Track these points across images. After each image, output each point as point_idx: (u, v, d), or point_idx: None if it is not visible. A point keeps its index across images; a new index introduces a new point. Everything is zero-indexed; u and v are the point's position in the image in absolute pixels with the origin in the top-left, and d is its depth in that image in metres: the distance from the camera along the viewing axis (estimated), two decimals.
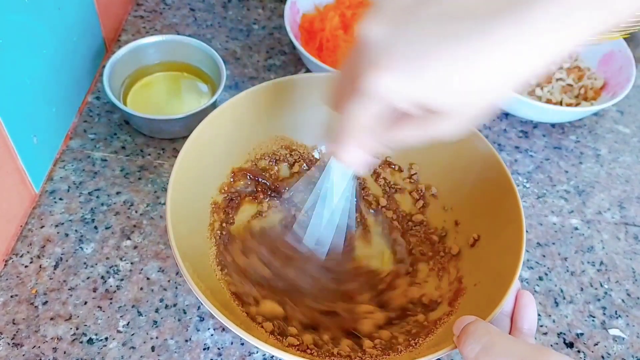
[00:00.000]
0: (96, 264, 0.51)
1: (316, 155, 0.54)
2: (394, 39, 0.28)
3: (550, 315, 0.52)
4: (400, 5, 0.29)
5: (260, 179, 0.52)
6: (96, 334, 0.47)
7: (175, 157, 0.58)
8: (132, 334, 0.47)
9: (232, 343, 0.48)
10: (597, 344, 0.51)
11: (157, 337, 0.47)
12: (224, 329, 0.48)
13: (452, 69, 0.27)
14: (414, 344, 0.43)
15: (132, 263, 0.51)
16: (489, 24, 0.26)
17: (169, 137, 0.60)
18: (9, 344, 0.46)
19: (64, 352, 0.46)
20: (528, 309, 0.39)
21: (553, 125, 0.67)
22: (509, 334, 0.39)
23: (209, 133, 0.47)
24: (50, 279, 0.50)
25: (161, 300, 0.49)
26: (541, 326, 0.52)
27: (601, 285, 0.55)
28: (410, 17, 0.28)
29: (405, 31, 0.28)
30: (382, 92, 0.29)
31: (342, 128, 0.34)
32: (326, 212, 0.45)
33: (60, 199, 0.54)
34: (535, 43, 0.26)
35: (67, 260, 0.51)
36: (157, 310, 0.49)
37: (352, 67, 0.32)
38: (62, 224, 0.53)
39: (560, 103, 0.66)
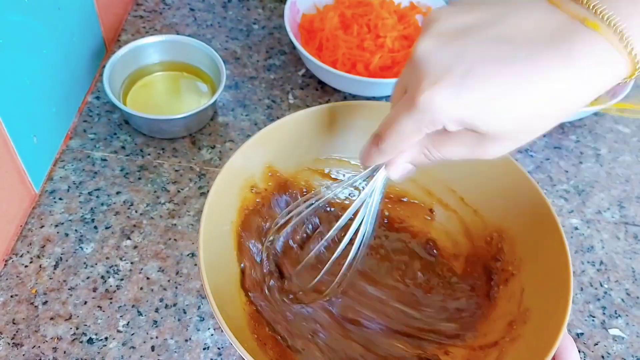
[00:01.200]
0: (96, 264, 0.51)
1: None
2: (449, 57, 0.29)
3: None
4: (457, 25, 0.30)
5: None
6: (96, 334, 0.47)
7: (176, 157, 0.59)
8: (132, 334, 0.47)
9: (231, 343, 0.48)
10: (597, 344, 0.51)
11: (157, 337, 0.47)
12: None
13: (502, 91, 0.28)
14: None
15: (132, 263, 0.51)
16: (541, 51, 0.27)
17: (168, 137, 0.60)
18: (9, 343, 0.46)
19: (64, 352, 0.46)
20: (570, 352, 0.38)
21: None
22: None
23: (240, 163, 0.45)
24: (50, 278, 0.50)
25: (161, 300, 0.49)
26: None
27: (601, 285, 0.55)
28: (466, 38, 0.29)
29: (460, 50, 0.29)
30: (433, 107, 0.29)
31: (388, 136, 0.34)
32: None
33: (60, 198, 0.54)
34: (583, 74, 0.27)
35: (67, 260, 0.51)
36: (157, 310, 0.49)
37: (406, 82, 0.32)
38: (62, 223, 0.53)
39: None
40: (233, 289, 0.43)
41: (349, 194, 0.52)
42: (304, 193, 0.51)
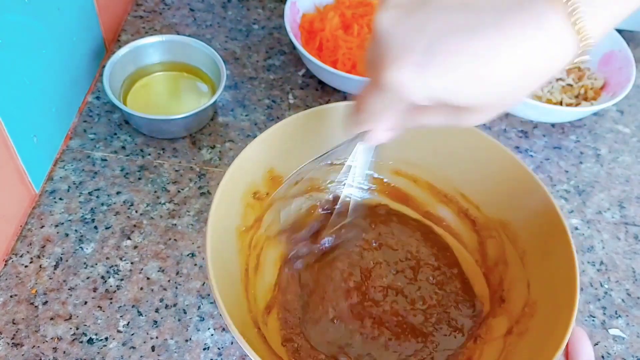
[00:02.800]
0: (96, 264, 0.51)
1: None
2: (410, 31, 0.27)
3: None
4: None
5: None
6: (96, 334, 0.47)
7: (176, 157, 0.59)
8: (132, 334, 0.47)
9: (232, 343, 0.48)
10: (597, 344, 0.51)
11: (157, 337, 0.47)
12: (223, 329, 0.48)
13: (472, 64, 0.26)
14: None
15: (132, 263, 0.51)
16: (507, 17, 0.25)
17: (169, 137, 0.60)
18: (8, 343, 0.46)
19: (64, 352, 0.46)
20: (583, 344, 0.38)
21: (553, 125, 0.67)
22: None
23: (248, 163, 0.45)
24: (50, 278, 0.50)
25: (161, 300, 0.49)
26: None
27: (601, 285, 0.55)
28: (427, 7, 0.27)
29: (421, 22, 0.27)
30: (401, 88, 0.28)
31: (362, 112, 0.34)
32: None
33: (60, 198, 0.54)
34: (553, 37, 0.26)
35: (67, 260, 0.51)
36: (157, 310, 0.49)
37: (372, 58, 0.31)
38: (62, 223, 0.53)
39: (560, 103, 0.66)
40: (239, 293, 0.44)
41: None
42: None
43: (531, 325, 0.42)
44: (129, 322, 0.48)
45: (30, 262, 0.50)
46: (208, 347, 0.47)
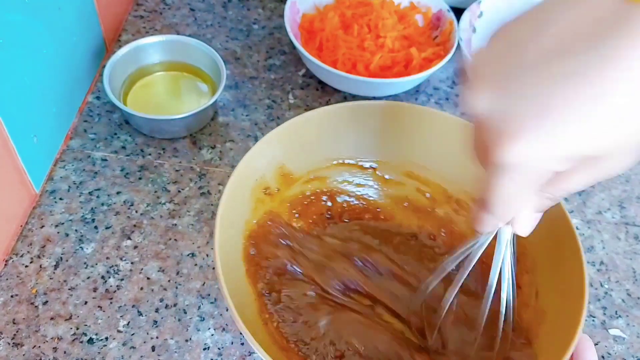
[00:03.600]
0: (96, 264, 0.51)
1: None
2: (512, 102, 0.25)
3: None
4: (494, 56, 0.26)
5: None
6: (96, 334, 0.47)
7: (176, 157, 0.59)
8: (132, 334, 0.47)
9: (232, 343, 0.48)
10: (597, 344, 0.51)
11: (157, 337, 0.47)
12: (224, 329, 0.48)
13: (591, 109, 0.24)
14: None
15: (132, 263, 0.51)
16: (606, 46, 0.23)
17: (169, 137, 0.60)
18: (9, 343, 0.46)
19: (64, 352, 0.46)
20: (588, 353, 0.37)
21: None
22: None
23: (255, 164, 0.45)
24: (50, 278, 0.50)
25: (161, 300, 0.49)
26: None
27: (601, 285, 0.55)
28: (515, 70, 0.25)
29: (519, 88, 0.25)
30: (523, 161, 0.26)
31: (496, 203, 0.31)
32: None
33: (61, 198, 0.54)
34: None
35: (67, 260, 0.51)
36: (157, 310, 0.49)
37: (481, 146, 0.29)
38: (62, 223, 0.53)
39: None
40: (246, 286, 0.44)
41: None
42: (316, 193, 0.51)
43: (539, 333, 0.42)
44: (129, 322, 0.48)
45: (31, 262, 0.50)
46: (208, 347, 0.47)
